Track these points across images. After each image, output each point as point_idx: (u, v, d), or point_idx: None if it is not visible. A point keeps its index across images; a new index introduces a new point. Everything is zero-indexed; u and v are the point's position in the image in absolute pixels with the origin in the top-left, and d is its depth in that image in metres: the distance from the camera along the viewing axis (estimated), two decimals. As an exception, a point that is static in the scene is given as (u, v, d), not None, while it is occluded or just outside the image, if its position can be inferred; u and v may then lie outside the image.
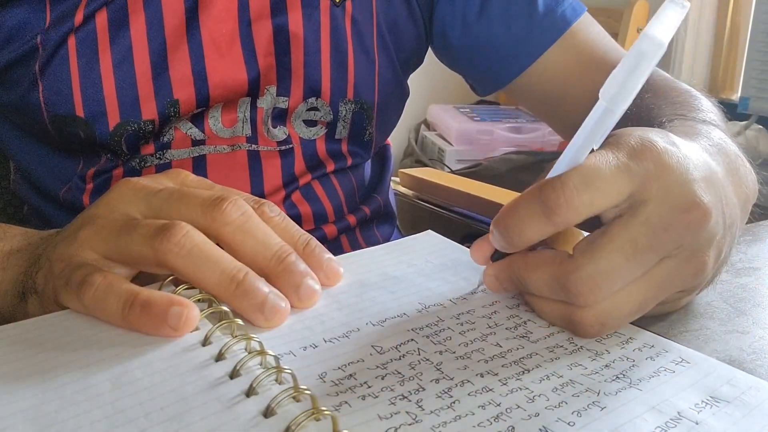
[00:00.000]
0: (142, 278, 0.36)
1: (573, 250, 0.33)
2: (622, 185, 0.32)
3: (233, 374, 0.29)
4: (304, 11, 0.60)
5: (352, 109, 0.64)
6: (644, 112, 0.54)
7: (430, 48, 0.71)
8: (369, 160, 0.73)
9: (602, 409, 0.28)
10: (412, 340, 0.33)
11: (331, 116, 0.63)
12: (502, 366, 0.31)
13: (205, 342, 0.31)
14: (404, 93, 0.71)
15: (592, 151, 0.33)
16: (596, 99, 0.32)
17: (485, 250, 0.37)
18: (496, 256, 0.37)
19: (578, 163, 0.32)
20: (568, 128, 0.73)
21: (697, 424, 0.27)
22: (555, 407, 0.28)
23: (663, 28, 0.30)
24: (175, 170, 0.40)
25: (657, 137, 0.34)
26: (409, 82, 0.72)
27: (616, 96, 0.31)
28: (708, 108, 0.54)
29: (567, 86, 0.69)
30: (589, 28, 0.69)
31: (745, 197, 0.41)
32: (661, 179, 0.32)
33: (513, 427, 0.26)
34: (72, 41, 0.55)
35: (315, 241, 0.38)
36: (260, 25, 0.59)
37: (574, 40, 0.68)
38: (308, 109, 0.62)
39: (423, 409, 0.27)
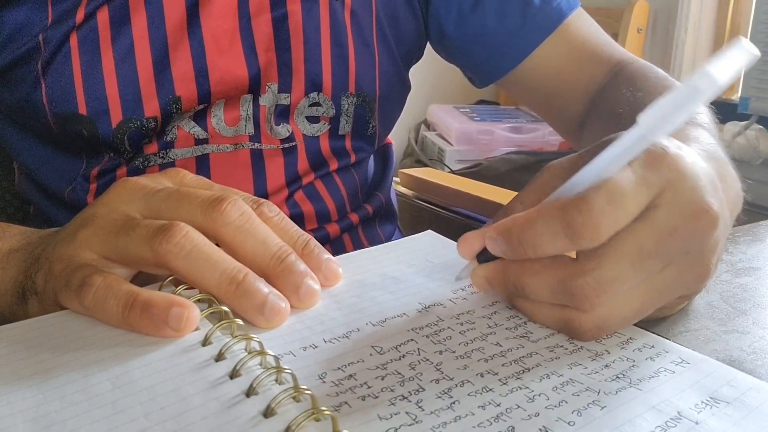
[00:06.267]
0: (141, 278, 0.36)
1: (577, 254, 0.32)
2: (642, 199, 0.31)
3: (233, 374, 0.29)
4: (304, 5, 0.60)
5: (355, 102, 0.64)
6: (637, 111, 0.54)
7: (428, 43, 0.72)
8: (371, 159, 0.73)
9: (602, 408, 0.28)
10: (412, 340, 0.33)
11: (334, 111, 0.63)
12: (502, 365, 0.31)
13: (205, 342, 0.31)
14: (405, 86, 0.71)
15: None
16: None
17: (474, 247, 0.36)
18: (484, 257, 0.36)
19: (600, 180, 0.31)
20: (563, 122, 0.73)
21: (697, 424, 0.27)
22: (555, 406, 0.28)
23: (724, 68, 0.28)
24: (174, 169, 0.40)
25: (665, 141, 0.33)
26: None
27: (655, 127, 0.30)
28: (700, 110, 0.54)
29: (561, 80, 0.69)
30: (583, 22, 0.69)
31: (733, 204, 0.40)
32: (674, 186, 0.32)
33: (513, 428, 0.26)
34: (74, 39, 0.55)
35: (314, 242, 0.38)
36: (260, 21, 0.59)
37: (568, 33, 0.68)
38: (310, 105, 0.62)
39: (423, 410, 0.27)
